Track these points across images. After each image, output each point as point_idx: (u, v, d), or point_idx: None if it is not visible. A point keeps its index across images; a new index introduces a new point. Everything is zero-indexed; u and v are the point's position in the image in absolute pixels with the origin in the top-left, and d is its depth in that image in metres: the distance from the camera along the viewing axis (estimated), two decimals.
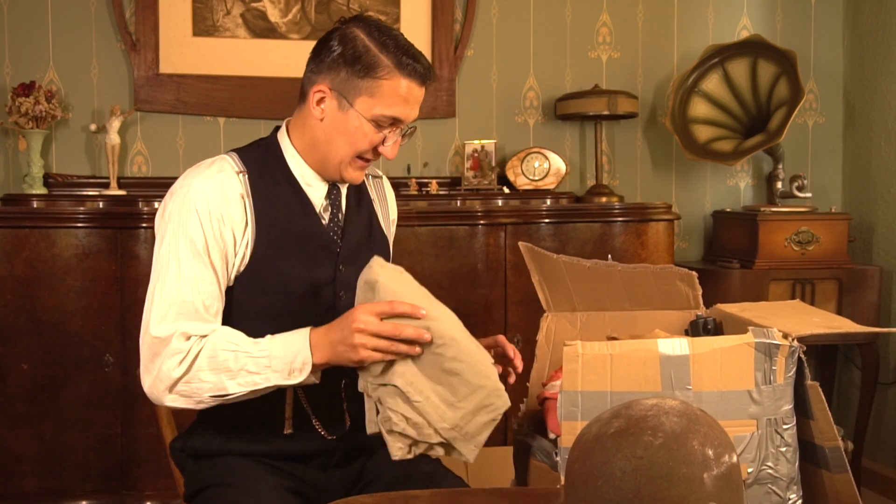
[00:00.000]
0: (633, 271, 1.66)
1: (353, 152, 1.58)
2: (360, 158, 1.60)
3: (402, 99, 1.56)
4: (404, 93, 1.56)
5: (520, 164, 3.31)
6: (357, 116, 1.55)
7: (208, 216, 1.53)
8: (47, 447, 2.73)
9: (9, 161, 3.13)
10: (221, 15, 3.24)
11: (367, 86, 1.54)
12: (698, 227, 3.65)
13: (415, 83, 1.56)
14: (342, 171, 1.60)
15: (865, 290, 3.26)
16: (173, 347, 1.47)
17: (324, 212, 1.65)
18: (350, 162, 1.59)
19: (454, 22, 3.37)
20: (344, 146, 1.58)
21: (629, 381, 1.35)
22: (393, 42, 1.55)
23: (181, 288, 1.51)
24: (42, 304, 2.71)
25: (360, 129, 1.56)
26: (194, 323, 1.50)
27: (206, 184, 1.55)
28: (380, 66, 1.53)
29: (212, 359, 1.47)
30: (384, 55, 1.54)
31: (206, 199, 1.54)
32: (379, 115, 1.55)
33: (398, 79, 1.54)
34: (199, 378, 1.47)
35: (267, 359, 1.46)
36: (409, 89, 1.56)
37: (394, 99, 1.55)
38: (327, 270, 1.61)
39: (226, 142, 3.26)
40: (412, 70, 1.55)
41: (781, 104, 3.29)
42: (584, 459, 1.03)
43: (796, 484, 1.38)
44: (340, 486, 1.63)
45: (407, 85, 1.55)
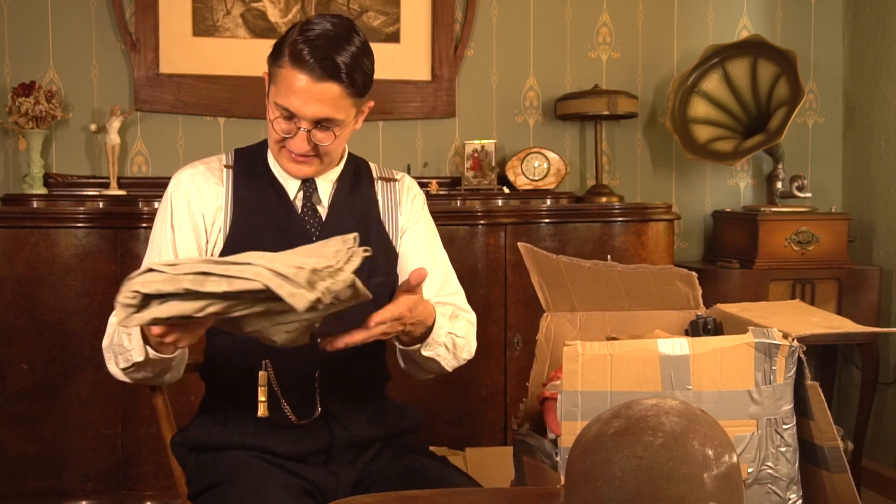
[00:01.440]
0: (632, 271, 1.66)
1: (273, 140, 1.64)
2: (287, 150, 1.63)
3: (292, 91, 1.54)
4: (296, 85, 1.54)
5: (520, 164, 3.31)
6: (270, 102, 1.61)
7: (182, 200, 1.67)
8: (47, 447, 2.73)
9: (9, 161, 3.13)
10: (221, 15, 3.24)
11: (273, 72, 1.59)
12: (698, 227, 3.65)
13: (308, 77, 1.53)
14: (279, 160, 1.67)
15: (865, 290, 3.26)
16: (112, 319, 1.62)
17: (296, 202, 1.70)
18: (279, 151, 1.65)
19: (454, 22, 3.37)
20: (269, 133, 1.65)
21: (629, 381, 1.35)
22: (309, 36, 1.53)
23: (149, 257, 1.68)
24: (42, 304, 2.71)
25: (270, 116, 1.61)
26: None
27: (185, 174, 1.70)
28: (282, 55, 1.56)
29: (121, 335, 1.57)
30: (290, 45, 1.55)
31: (183, 188, 1.68)
32: (277, 104, 1.58)
33: (290, 69, 1.54)
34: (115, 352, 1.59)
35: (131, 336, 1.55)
36: (299, 82, 1.53)
37: (287, 89, 1.55)
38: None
39: (226, 142, 3.26)
40: (304, 63, 1.52)
41: (781, 104, 3.29)
42: (584, 459, 1.04)
43: (796, 484, 1.38)
44: (344, 486, 1.64)
45: (298, 77, 1.53)
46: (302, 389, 1.64)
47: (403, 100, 3.33)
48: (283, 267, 1.23)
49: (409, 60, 3.33)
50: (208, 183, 1.68)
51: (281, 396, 1.62)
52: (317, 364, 1.64)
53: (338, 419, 1.66)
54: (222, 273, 1.23)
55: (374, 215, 1.75)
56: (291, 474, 1.60)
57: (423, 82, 3.34)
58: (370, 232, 1.72)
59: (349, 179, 1.74)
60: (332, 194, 1.71)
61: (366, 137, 3.29)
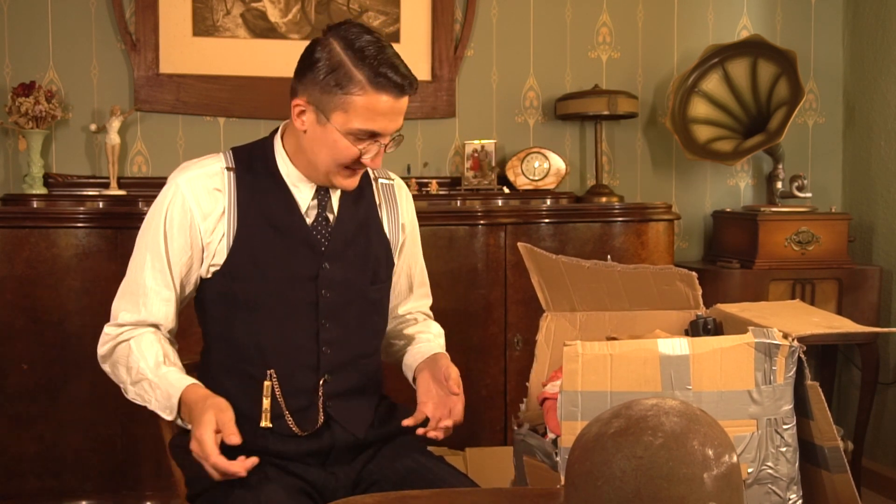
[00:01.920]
0: (632, 271, 1.66)
1: (336, 163, 1.60)
2: (347, 168, 1.61)
3: (377, 114, 1.55)
4: (380, 107, 1.54)
5: (520, 164, 3.31)
6: (333, 131, 1.56)
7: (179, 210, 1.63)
8: (47, 447, 2.73)
9: (9, 161, 3.13)
10: (221, 15, 3.24)
11: (341, 102, 1.54)
12: (698, 227, 3.65)
13: (390, 97, 1.54)
14: (331, 178, 1.63)
15: (865, 290, 3.26)
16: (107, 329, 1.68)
17: (310, 210, 1.67)
18: (336, 171, 1.61)
19: (454, 22, 3.37)
20: (326, 158, 1.60)
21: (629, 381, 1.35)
22: (369, 55, 1.53)
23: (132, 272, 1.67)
24: (42, 304, 2.71)
25: (339, 143, 1.57)
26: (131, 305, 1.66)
27: (182, 179, 1.64)
28: (353, 83, 1.52)
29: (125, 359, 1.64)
30: (358, 70, 1.52)
31: (180, 194, 1.63)
32: (355, 130, 1.55)
33: (372, 94, 1.53)
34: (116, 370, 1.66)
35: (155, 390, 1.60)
36: (384, 103, 1.54)
37: (369, 114, 1.54)
38: (309, 267, 1.64)
39: (226, 142, 3.26)
40: (386, 84, 1.53)
41: (781, 104, 3.29)
42: (584, 459, 1.04)
43: (796, 484, 1.38)
44: (344, 486, 1.64)
45: (382, 99, 1.54)
46: (305, 398, 1.64)
47: None
48: None
49: (409, 60, 3.27)
50: (208, 190, 1.63)
51: (284, 408, 1.62)
52: (320, 372, 1.65)
53: (340, 423, 1.66)
54: None
55: (375, 219, 1.75)
56: (290, 475, 1.60)
57: (424, 82, 3.34)
58: (372, 236, 1.73)
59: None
60: (340, 199, 1.70)
61: None
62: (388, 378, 1.83)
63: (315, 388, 1.64)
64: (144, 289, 1.65)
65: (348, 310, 1.68)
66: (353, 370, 1.69)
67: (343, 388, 1.67)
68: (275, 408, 1.61)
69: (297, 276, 1.63)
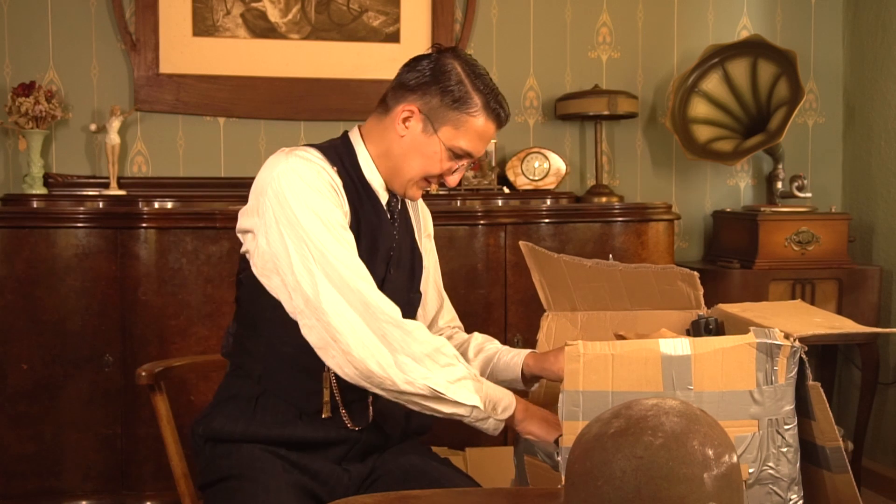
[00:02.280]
0: (633, 271, 1.66)
1: (423, 173, 1.66)
2: (425, 180, 1.68)
3: (479, 136, 1.65)
4: (483, 131, 1.65)
5: (520, 164, 3.31)
6: (438, 142, 1.64)
7: (330, 189, 1.57)
8: (47, 447, 2.73)
9: (9, 161, 3.13)
10: (221, 15, 3.24)
11: (454, 118, 1.63)
12: (698, 227, 3.64)
13: (494, 125, 1.66)
14: (407, 187, 1.69)
15: (865, 290, 3.26)
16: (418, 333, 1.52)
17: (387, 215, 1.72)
18: (417, 181, 1.68)
19: (454, 22, 3.37)
20: (417, 166, 1.66)
21: (630, 381, 1.35)
22: (483, 83, 1.64)
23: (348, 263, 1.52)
24: (42, 304, 2.71)
25: (438, 155, 1.64)
26: (383, 297, 1.54)
27: (309, 166, 1.57)
28: (470, 103, 1.63)
29: (446, 357, 1.52)
30: (476, 93, 1.63)
31: (319, 176, 1.56)
32: (458, 147, 1.64)
33: (484, 120, 1.64)
34: (427, 368, 1.51)
35: (485, 389, 1.54)
36: (486, 129, 1.65)
37: (474, 135, 1.64)
38: (381, 271, 1.69)
39: (226, 142, 3.26)
40: (496, 114, 1.65)
41: (781, 104, 3.29)
42: (584, 459, 1.03)
43: (797, 484, 1.38)
44: (351, 482, 1.65)
45: (488, 125, 1.65)
46: (356, 393, 1.63)
47: None
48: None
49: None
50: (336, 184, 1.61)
51: (340, 401, 1.64)
52: None
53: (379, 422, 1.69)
54: None
55: (412, 229, 1.81)
56: (304, 473, 1.61)
57: None
58: (414, 246, 1.79)
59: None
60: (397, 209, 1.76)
61: None
62: None
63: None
64: (361, 267, 1.55)
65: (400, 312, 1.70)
66: None
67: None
68: (332, 400, 1.63)
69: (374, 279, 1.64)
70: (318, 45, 3.30)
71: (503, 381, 1.71)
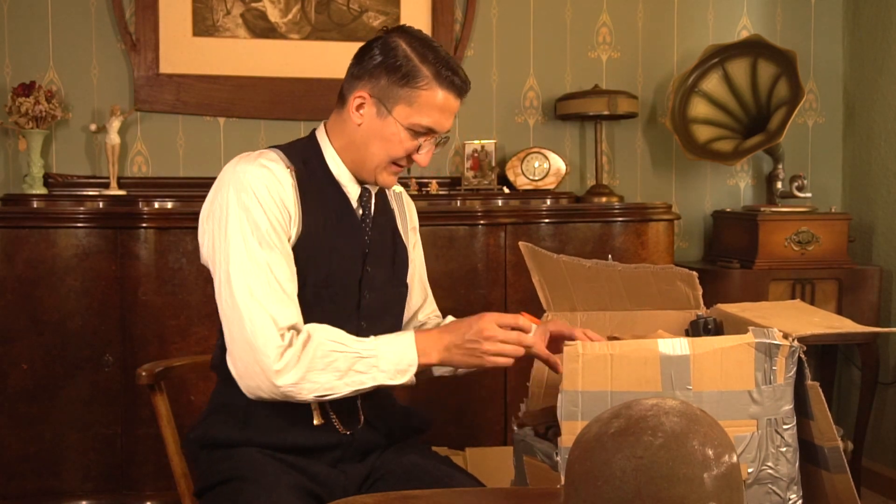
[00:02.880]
0: (633, 271, 1.66)
1: (388, 158, 1.63)
2: (395, 164, 1.65)
3: (438, 109, 1.61)
4: (441, 104, 1.60)
5: (520, 164, 3.31)
6: (394, 123, 1.60)
7: (269, 200, 1.56)
8: (47, 447, 2.73)
9: (9, 161, 3.13)
10: (221, 15, 3.24)
11: (405, 95, 1.59)
12: (698, 227, 3.64)
13: (451, 95, 1.61)
14: (377, 174, 1.66)
15: (865, 290, 3.26)
16: (272, 342, 1.49)
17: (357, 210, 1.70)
18: (385, 167, 1.65)
19: (454, 22, 3.37)
20: (380, 151, 1.63)
21: (629, 381, 1.35)
22: (433, 54, 1.60)
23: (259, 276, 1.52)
24: (42, 304, 2.71)
25: (397, 136, 1.61)
26: (281, 308, 1.52)
27: (261, 171, 1.58)
28: (419, 77, 1.59)
29: (325, 359, 1.50)
30: (424, 66, 1.59)
31: (264, 184, 1.56)
32: (415, 124, 1.60)
33: (436, 90, 1.59)
34: (310, 379, 1.50)
35: (375, 358, 1.52)
36: (445, 100, 1.61)
37: (431, 109, 1.60)
38: (356, 269, 1.67)
39: (226, 142, 3.26)
40: (450, 82, 1.60)
41: (781, 104, 3.29)
42: (584, 459, 1.03)
43: (796, 484, 1.38)
44: (350, 483, 1.65)
45: (444, 96, 1.60)
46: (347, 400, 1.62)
47: None
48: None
49: None
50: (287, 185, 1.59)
51: (329, 407, 1.63)
52: None
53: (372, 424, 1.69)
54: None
55: (394, 223, 1.79)
56: (302, 474, 1.60)
57: None
58: (397, 240, 1.78)
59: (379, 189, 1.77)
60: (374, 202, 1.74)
61: None
62: None
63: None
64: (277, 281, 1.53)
65: (383, 312, 1.72)
66: None
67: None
68: (322, 406, 1.63)
69: (346, 279, 1.65)
70: (318, 45, 3.30)
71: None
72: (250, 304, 1.50)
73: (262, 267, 1.52)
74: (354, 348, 1.52)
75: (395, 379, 1.53)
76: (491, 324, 1.53)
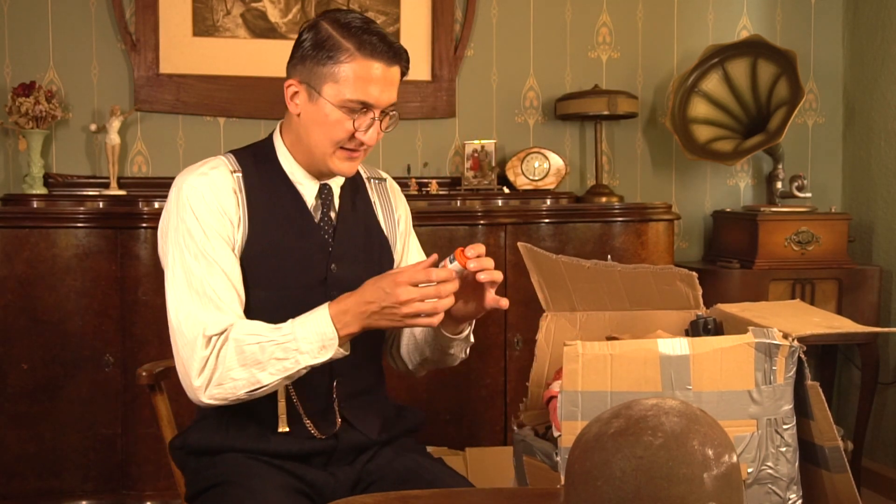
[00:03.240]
0: (633, 271, 1.66)
1: (331, 142, 1.58)
2: (343, 148, 1.59)
3: (367, 81, 1.53)
4: (367, 74, 1.53)
5: (520, 164, 3.31)
6: (326, 104, 1.55)
7: (205, 210, 1.56)
8: (47, 447, 2.73)
9: (9, 161, 3.13)
10: (221, 15, 3.24)
11: (330, 72, 1.54)
12: (698, 227, 3.65)
13: (380, 63, 1.54)
14: (328, 163, 1.60)
15: (865, 290, 3.26)
16: (197, 354, 1.50)
17: (315, 210, 1.66)
18: (333, 153, 1.59)
19: (454, 22, 3.37)
20: (321, 137, 1.58)
21: (629, 381, 1.35)
22: (357, 26, 1.54)
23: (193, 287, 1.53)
24: (42, 304, 2.71)
25: (332, 118, 1.55)
26: (213, 317, 1.51)
27: (199, 180, 1.58)
28: (341, 50, 1.53)
29: (239, 355, 1.49)
30: (345, 39, 1.53)
31: (200, 194, 1.56)
32: (346, 101, 1.54)
33: (360, 60, 1.53)
34: (230, 378, 1.50)
35: (293, 342, 1.48)
36: (371, 70, 1.53)
37: (357, 81, 1.53)
38: (319, 269, 1.63)
39: (226, 142, 3.26)
40: (374, 49, 1.53)
41: (781, 104, 3.29)
42: (584, 459, 1.04)
43: (796, 484, 1.38)
44: (343, 486, 1.63)
45: (369, 65, 1.53)
46: (321, 401, 1.62)
47: (403, 100, 3.32)
48: None
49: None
50: (227, 191, 1.58)
51: (303, 411, 1.60)
52: (332, 374, 1.63)
53: (354, 425, 1.65)
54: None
55: (373, 217, 1.74)
56: (290, 475, 1.59)
57: (423, 82, 3.34)
58: (373, 235, 1.72)
59: (350, 181, 1.72)
60: (340, 198, 1.69)
61: None
62: (389, 378, 1.82)
63: (329, 391, 1.63)
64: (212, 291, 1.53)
65: None
66: (363, 371, 1.68)
67: (355, 390, 1.66)
68: (292, 412, 1.60)
69: (308, 280, 1.61)
70: None
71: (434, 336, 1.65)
72: (181, 319, 1.53)
73: (195, 279, 1.53)
74: (270, 336, 1.49)
75: (321, 356, 1.48)
76: (405, 288, 1.44)
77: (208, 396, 1.51)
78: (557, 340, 1.75)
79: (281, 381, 1.51)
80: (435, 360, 1.72)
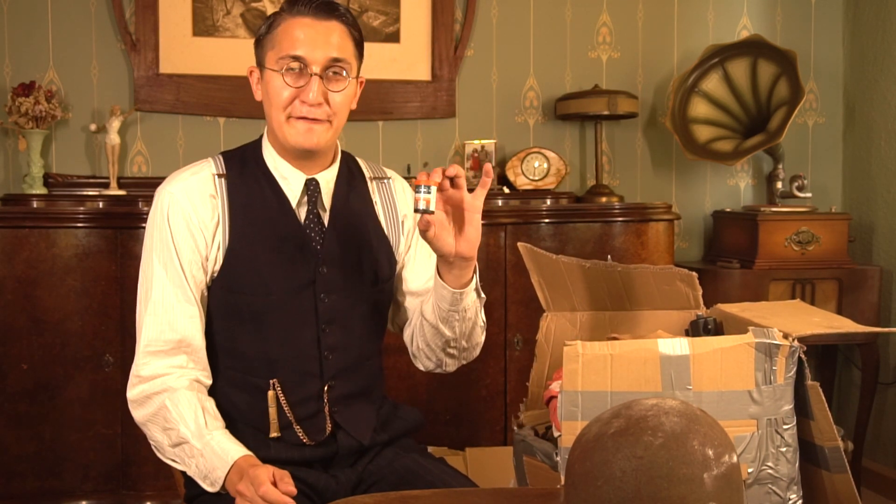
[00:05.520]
0: (633, 271, 1.66)
1: (280, 108, 1.58)
2: (293, 116, 1.58)
3: (296, 37, 1.54)
4: (298, 28, 1.55)
5: (520, 164, 3.31)
6: (268, 73, 1.58)
7: (179, 220, 1.58)
8: (47, 447, 2.73)
9: (9, 161, 3.13)
10: (221, 15, 3.24)
11: (269, 41, 1.58)
12: (698, 227, 3.65)
13: (309, 18, 1.55)
14: (286, 136, 1.59)
15: (865, 290, 3.26)
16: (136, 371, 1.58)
17: (299, 207, 1.63)
18: (285, 122, 1.58)
19: (454, 22, 3.37)
20: (274, 110, 1.59)
21: (629, 381, 1.35)
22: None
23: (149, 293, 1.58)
24: (42, 304, 2.71)
25: (273, 83, 1.57)
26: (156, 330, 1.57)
27: (176, 188, 1.60)
28: (278, 19, 1.57)
29: (164, 421, 1.56)
30: (282, 10, 1.57)
31: (175, 203, 1.59)
32: (279, 60, 1.56)
33: (289, 19, 1.56)
34: (150, 429, 1.60)
35: (197, 457, 1.52)
36: (303, 25, 1.55)
37: (290, 40, 1.55)
38: (307, 271, 1.60)
39: (226, 142, 3.26)
40: (302, 5, 1.55)
41: (781, 104, 3.29)
42: (584, 459, 1.03)
43: (796, 484, 1.38)
44: (344, 488, 1.63)
45: (299, 21, 1.55)
46: (311, 406, 1.61)
47: (403, 100, 3.33)
48: None
49: (408, 60, 3.33)
50: (203, 196, 1.59)
51: (292, 417, 1.59)
52: (324, 378, 1.62)
53: (346, 431, 1.64)
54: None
55: (372, 217, 1.71)
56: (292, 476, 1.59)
57: (423, 82, 3.34)
58: (370, 236, 1.69)
59: (345, 179, 1.69)
60: (332, 196, 1.66)
61: (366, 137, 3.29)
62: (387, 378, 1.82)
63: (320, 395, 1.62)
64: (167, 307, 1.56)
65: (349, 313, 1.64)
66: (356, 374, 1.66)
67: (347, 393, 1.65)
68: (282, 418, 1.59)
69: (294, 282, 1.59)
70: None
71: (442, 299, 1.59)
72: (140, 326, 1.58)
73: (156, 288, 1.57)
74: (185, 434, 1.53)
75: (202, 482, 1.52)
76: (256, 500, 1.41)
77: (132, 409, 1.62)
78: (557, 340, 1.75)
79: (173, 464, 1.59)
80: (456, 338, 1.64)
